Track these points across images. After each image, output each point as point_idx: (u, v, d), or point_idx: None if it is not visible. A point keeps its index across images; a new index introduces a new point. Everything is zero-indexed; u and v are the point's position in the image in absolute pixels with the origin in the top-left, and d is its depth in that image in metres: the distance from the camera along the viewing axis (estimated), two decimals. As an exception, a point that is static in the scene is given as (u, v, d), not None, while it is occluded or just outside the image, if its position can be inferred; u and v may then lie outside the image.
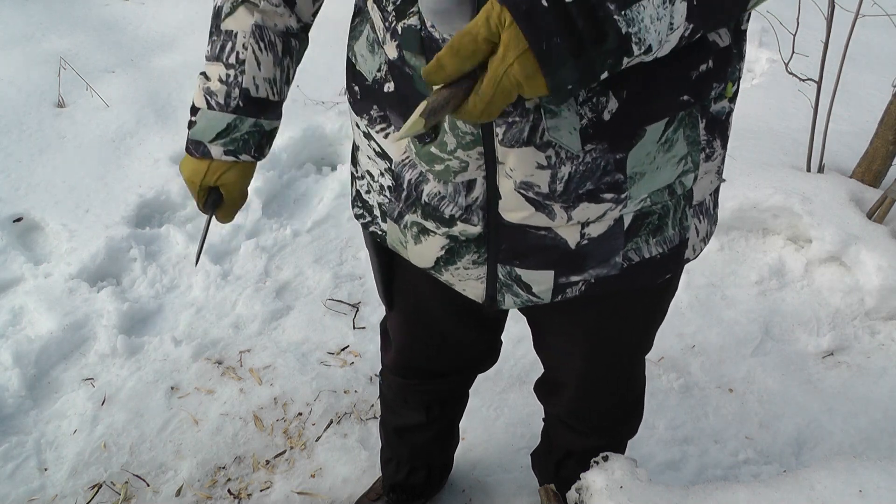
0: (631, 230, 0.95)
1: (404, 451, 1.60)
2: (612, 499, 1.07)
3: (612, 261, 0.98)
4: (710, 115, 0.92)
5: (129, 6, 4.09)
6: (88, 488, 1.78)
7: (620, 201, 0.91)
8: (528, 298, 1.03)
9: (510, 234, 0.96)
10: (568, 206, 0.91)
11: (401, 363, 1.41)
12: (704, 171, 0.96)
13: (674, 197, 0.95)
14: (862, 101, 3.28)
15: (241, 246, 2.49)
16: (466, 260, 1.01)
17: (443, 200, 0.97)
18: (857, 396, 2.03)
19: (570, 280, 1.00)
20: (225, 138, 1.06)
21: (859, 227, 2.37)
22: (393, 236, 1.08)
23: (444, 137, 0.89)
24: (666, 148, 0.89)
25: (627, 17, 0.67)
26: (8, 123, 2.94)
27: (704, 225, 1.04)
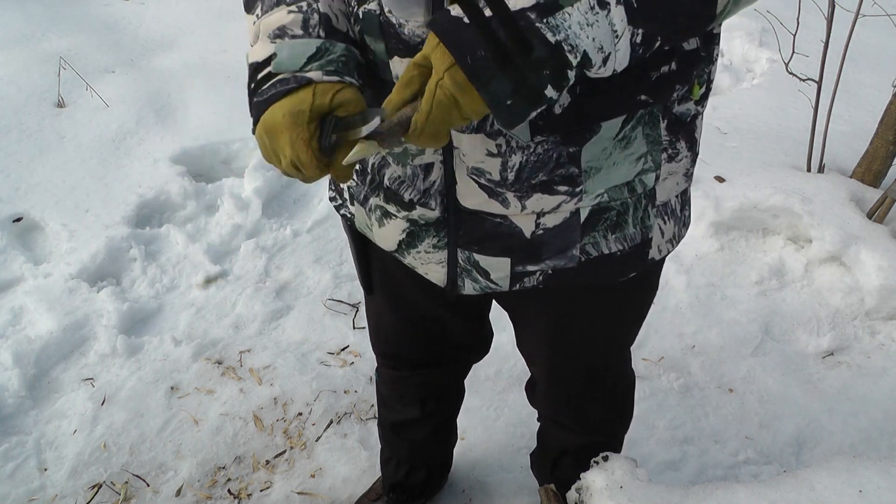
0: (588, 224, 0.96)
1: (403, 448, 1.60)
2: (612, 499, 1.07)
3: (568, 253, 0.98)
4: (673, 116, 0.92)
5: (129, 6, 4.09)
6: (88, 488, 1.78)
7: (575, 194, 0.93)
8: (487, 285, 1.04)
9: (468, 219, 0.98)
10: (521, 195, 0.92)
11: (388, 352, 1.42)
12: (668, 171, 0.97)
13: (634, 195, 0.96)
14: (862, 101, 3.28)
15: (241, 246, 2.49)
16: (427, 244, 1.02)
17: (402, 184, 0.99)
18: (857, 396, 2.03)
19: (527, 269, 1.01)
20: (320, 60, 0.82)
21: (859, 227, 2.37)
22: (360, 219, 1.11)
23: None
24: (623, 145, 0.90)
25: (551, 24, 0.68)
26: (8, 123, 2.94)
27: (671, 226, 1.04)
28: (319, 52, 0.82)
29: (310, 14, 0.84)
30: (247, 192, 2.68)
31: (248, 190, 2.68)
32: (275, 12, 0.85)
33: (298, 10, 0.84)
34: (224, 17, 4.02)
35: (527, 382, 1.43)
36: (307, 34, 0.83)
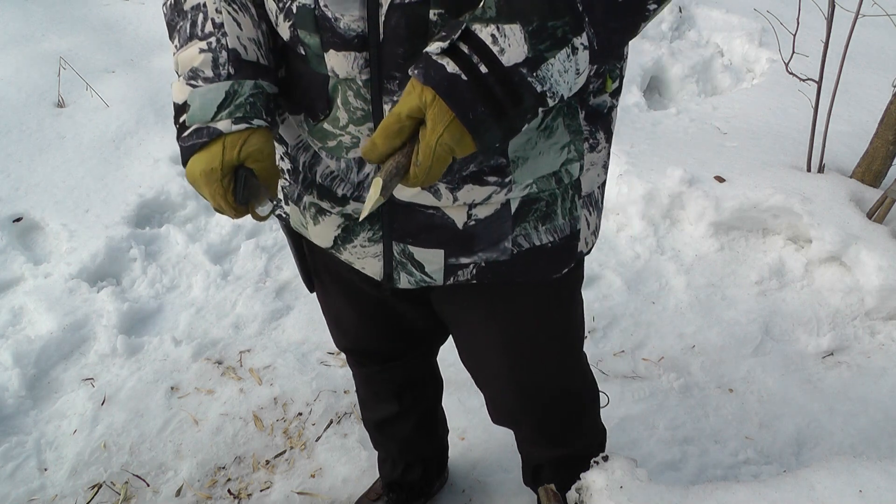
0: (519, 215, 0.99)
1: (392, 446, 1.60)
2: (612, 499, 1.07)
3: (501, 245, 1.01)
4: (590, 108, 0.96)
5: (129, 6, 4.09)
6: (88, 488, 1.78)
7: (505, 185, 0.95)
8: (422, 278, 1.06)
9: (402, 212, 0.99)
10: (453, 187, 0.95)
11: (353, 347, 1.41)
12: (590, 162, 1.01)
13: (561, 185, 0.99)
14: (862, 101, 3.28)
15: (241, 246, 2.49)
16: (362, 238, 1.04)
17: (335, 180, 1.00)
18: (857, 396, 2.03)
19: (461, 261, 1.03)
20: (229, 107, 0.88)
21: (859, 227, 2.37)
22: (295, 218, 1.11)
23: (337, 113, 0.92)
24: (546, 135, 0.93)
25: (539, 76, 0.75)
26: (8, 123, 2.94)
27: (594, 217, 1.08)
28: (228, 98, 0.88)
29: (218, 52, 0.89)
30: (247, 192, 2.68)
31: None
32: (188, 47, 0.90)
33: (208, 47, 0.89)
34: (224, 17, 4.01)
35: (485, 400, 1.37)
36: (217, 76, 0.88)
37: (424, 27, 0.82)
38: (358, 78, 0.87)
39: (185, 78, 0.90)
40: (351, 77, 0.87)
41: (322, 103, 0.93)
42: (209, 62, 0.89)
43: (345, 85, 0.89)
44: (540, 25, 0.73)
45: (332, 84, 0.90)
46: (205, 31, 0.90)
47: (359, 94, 0.88)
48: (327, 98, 0.92)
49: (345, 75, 0.88)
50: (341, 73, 0.88)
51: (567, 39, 0.74)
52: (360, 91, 0.88)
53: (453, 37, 0.73)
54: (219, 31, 0.90)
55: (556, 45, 0.74)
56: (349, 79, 0.88)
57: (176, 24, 0.93)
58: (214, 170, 0.88)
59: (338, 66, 0.87)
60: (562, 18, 0.73)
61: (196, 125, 0.88)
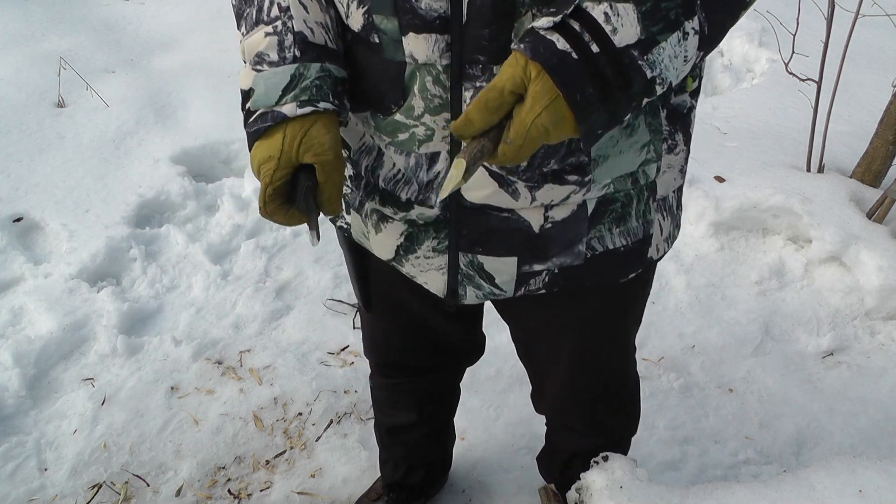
0: (595, 216, 0.95)
1: (399, 451, 1.60)
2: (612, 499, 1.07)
3: (575, 248, 0.97)
4: (671, 107, 0.93)
5: (129, 6, 4.09)
6: (88, 488, 1.78)
7: (584, 184, 0.91)
8: (491, 290, 1.01)
9: (472, 217, 0.95)
10: (532, 185, 0.90)
11: (384, 362, 1.40)
12: (668, 164, 0.97)
13: (636, 186, 0.95)
14: (862, 101, 3.28)
15: (241, 246, 2.49)
16: (426, 247, 0.99)
17: (398, 183, 0.96)
18: (857, 396, 2.03)
19: (534, 269, 0.98)
20: (294, 90, 0.84)
21: (859, 227, 2.37)
22: (356, 227, 1.08)
23: (412, 101, 0.88)
24: (628, 133, 0.90)
25: (650, 60, 0.71)
26: (8, 123, 2.94)
27: (668, 224, 1.03)
28: (293, 81, 0.84)
29: (284, 35, 0.86)
30: (247, 192, 2.68)
31: (248, 190, 2.68)
32: (254, 33, 0.88)
33: (274, 31, 0.86)
34: (224, 18, 4.02)
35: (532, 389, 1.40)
36: (282, 59, 0.85)
37: (511, 7, 0.78)
38: (438, 63, 0.83)
39: (251, 63, 0.87)
40: (430, 62, 0.84)
41: (396, 94, 0.88)
42: (274, 45, 0.86)
43: (423, 71, 0.85)
44: (654, 6, 0.69)
45: (409, 71, 0.86)
46: (270, 15, 0.87)
47: (437, 80, 0.85)
48: (402, 87, 0.87)
49: (424, 60, 0.84)
50: (420, 58, 0.84)
51: (679, 22, 0.71)
52: (440, 77, 0.84)
53: (565, 12, 0.70)
54: (284, 14, 0.87)
55: (669, 27, 0.70)
56: (428, 64, 0.84)
57: (243, 11, 0.91)
58: (272, 157, 0.84)
59: (417, 50, 0.84)
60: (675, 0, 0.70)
61: (261, 110, 0.85)
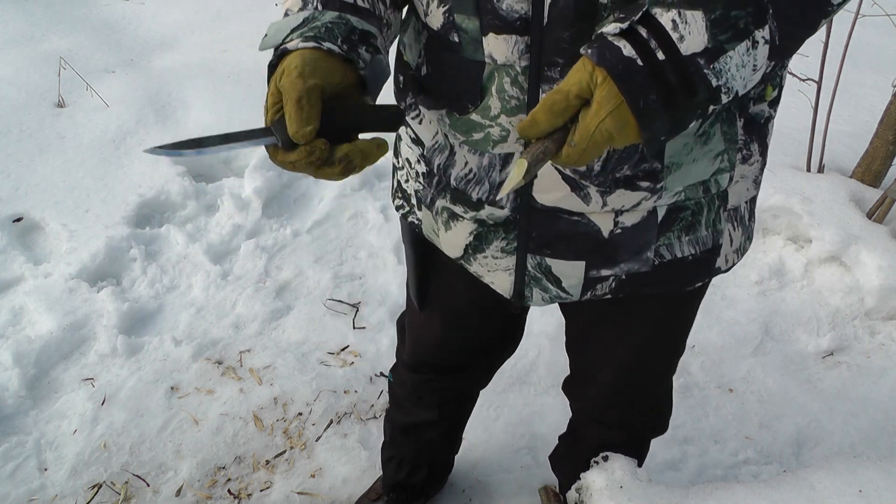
0: (664, 224, 0.95)
1: (409, 449, 1.59)
2: (612, 499, 1.07)
3: (643, 255, 0.97)
4: (749, 116, 0.92)
5: (129, 6, 4.09)
6: (88, 488, 1.78)
7: (656, 191, 0.91)
8: (557, 294, 1.02)
9: (542, 219, 0.95)
10: (604, 190, 0.90)
11: (420, 360, 1.39)
12: (741, 174, 0.96)
13: (707, 195, 0.95)
14: (862, 101, 3.28)
15: (241, 246, 2.49)
16: (495, 247, 1.00)
17: (470, 182, 0.96)
18: (857, 396, 2.03)
19: (601, 274, 0.98)
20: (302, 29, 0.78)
21: (859, 227, 2.37)
22: (427, 224, 1.08)
23: (489, 102, 0.88)
24: (703, 141, 0.89)
25: (716, 69, 0.70)
26: (8, 123, 2.94)
27: (739, 234, 1.03)
28: (304, 23, 0.79)
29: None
30: (247, 192, 2.68)
31: (248, 190, 2.68)
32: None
33: None
34: (224, 18, 4.02)
35: (566, 380, 1.39)
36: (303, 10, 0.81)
37: (593, 9, 0.78)
38: (517, 64, 0.84)
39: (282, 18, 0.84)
40: (510, 63, 0.84)
41: (473, 94, 0.89)
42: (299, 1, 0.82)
43: (502, 71, 0.85)
44: (723, 14, 0.69)
45: (487, 72, 0.86)
46: None
47: (515, 81, 0.85)
48: (480, 87, 0.88)
49: (503, 61, 0.84)
50: (500, 59, 0.84)
51: (749, 31, 0.70)
52: (518, 78, 0.85)
53: (633, 18, 0.70)
54: None
55: (737, 36, 0.69)
56: (507, 65, 0.84)
57: None
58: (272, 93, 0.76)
59: (497, 50, 0.84)
60: (745, 8, 0.69)
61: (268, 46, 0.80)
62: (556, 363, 2.08)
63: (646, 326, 1.14)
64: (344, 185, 2.74)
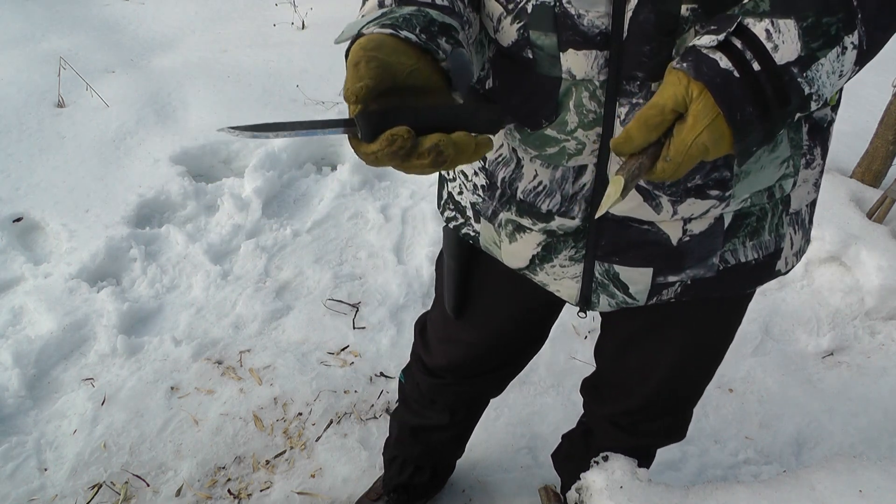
0: (730, 230, 0.95)
1: (415, 450, 1.58)
2: (612, 499, 1.07)
3: (709, 261, 0.97)
4: (813, 121, 0.92)
5: (129, 6, 4.09)
6: (88, 488, 1.78)
7: (724, 199, 0.91)
8: (624, 299, 1.01)
9: (611, 228, 0.95)
10: (675, 199, 0.90)
11: (443, 366, 1.37)
12: (803, 178, 0.96)
13: (772, 200, 0.95)
14: (862, 101, 3.28)
15: (241, 246, 2.49)
16: (563, 256, 1.00)
17: (539, 195, 0.96)
18: (857, 396, 2.03)
19: (668, 280, 0.98)
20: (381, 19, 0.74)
21: (859, 227, 2.37)
22: (487, 236, 1.07)
23: (566, 117, 0.87)
24: (770, 148, 0.89)
25: (808, 77, 0.70)
26: (8, 123, 2.94)
27: (799, 237, 1.02)
28: (383, 15, 0.75)
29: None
30: (247, 192, 2.68)
31: (248, 190, 2.68)
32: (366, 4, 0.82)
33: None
34: (224, 18, 4.02)
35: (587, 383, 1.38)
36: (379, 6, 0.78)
37: (674, 23, 0.77)
38: (596, 78, 0.83)
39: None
40: (588, 78, 0.83)
41: (548, 109, 0.88)
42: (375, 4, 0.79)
43: (580, 87, 0.84)
44: (815, 22, 0.68)
45: (564, 87, 0.85)
46: None
47: (594, 95, 0.84)
48: (556, 103, 0.87)
49: (582, 76, 0.84)
50: (578, 74, 0.84)
51: (839, 38, 0.69)
52: (596, 92, 0.84)
53: (729, 30, 0.69)
54: None
55: (829, 43, 0.69)
56: (586, 80, 0.84)
57: None
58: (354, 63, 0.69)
59: (576, 66, 0.83)
60: (836, 15, 0.68)
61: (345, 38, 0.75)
62: (556, 363, 2.08)
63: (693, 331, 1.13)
64: (344, 185, 2.74)
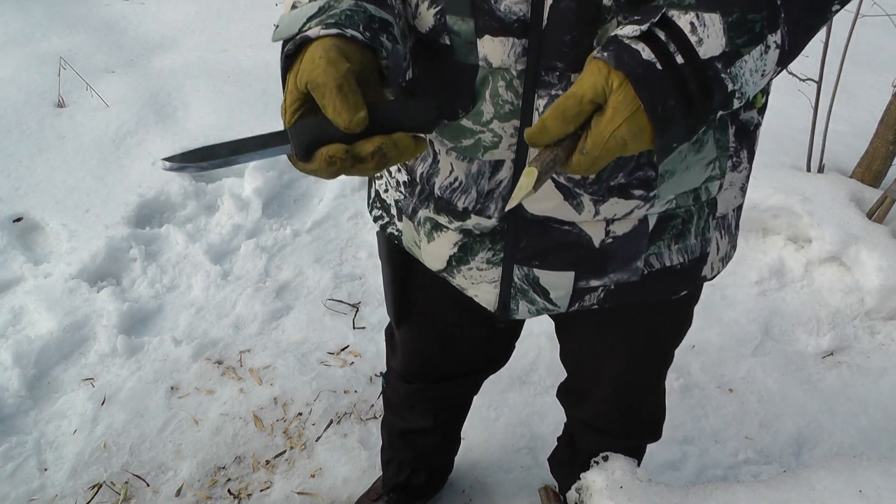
0: (655, 232, 0.93)
1: (408, 453, 1.59)
2: (612, 499, 1.07)
3: (633, 265, 0.95)
4: (739, 122, 0.91)
5: (129, 6, 4.09)
6: (88, 488, 1.78)
7: (649, 199, 0.89)
8: (544, 306, 0.99)
9: (531, 229, 0.92)
10: (597, 199, 0.88)
11: (409, 372, 1.38)
12: (729, 181, 0.95)
13: (697, 202, 0.93)
14: (862, 101, 3.28)
15: (241, 246, 2.49)
16: (480, 258, 0.97)
17: (456, 191, 0.93)
18: (857, 396, 2.03)
19: (591, 284, 0.96)
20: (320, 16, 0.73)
21: (859, 227, 2.37)
22: (408, 235, 1.05)
23: (482, 107, 0.84)
24: (696, 148, 0.88)
25: (732, 73, 0.68)
26: (8, 123, 2.94)
27: (725, 242, 1.02)
28: (321, 11, 0.73)
29: None
30: (247, 192, 2.68)
31: (248, 190, 2.68)
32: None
33: None
34: (224, 18, 4.02)
35: (561, 388, 1.39)
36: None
37: (596, 13, 0.75)
38: (513, 67, 0.80)
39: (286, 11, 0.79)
40: (505, 66, 0.80)
41: (464, 98, 0.85)
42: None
43: (496, 75, 0.81)
44: (740, 17, 0.67)
45: (481, 75, 0.82)
46: None
47: (511, 85, 0.81)
48: (472, 92, 0.84)
49: (499, 64, 0.81)
50: (495, 62, 0.81)
51: (763, 35, 0.68)
52: (513, 82, 0.81)
53: (652, 20, 0.68)
54: None
55: (753, 40, 0.68)
56: (503, 68, 0.81)
57: None
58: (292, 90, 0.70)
59: (492, 53, 0.80)
60: (761, 12, 0.68)
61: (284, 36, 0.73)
62: (555, 363, 2.08)
63: (636, 339, 1.13)
64: (344, 185, 2.74)
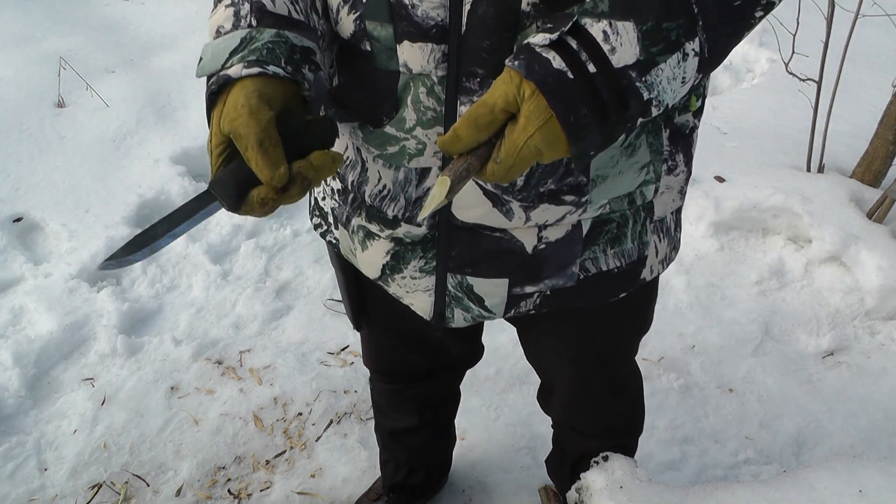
0: (589, 237, 0.93)
1: (402, 453, 1.60)
2: (612, 499, 1.07)
3: (568, 270, 0.95)
4: (674, 126, 0.91)
5: (129, 6, 4.09)
6: (88, 488, 1.78)
7: (581, 205, 0.89)
8: (480, 313, 0.99)
9: (462, 237, 0.91)
10: (527, 205, 0.88)
11: (382, 370, 1.40)
12: (666, 185, 0.95)
13: (633, 206, 0.93)
14: (862, 101, 3.28)
15: (241, 246, 2.49)
16: (413, 267, 0.96)
17: (385, 199, 0.92)
18: (857, 396, 2.03)
19: (525, 291, 0.96)
20: (242, 52, 0.74)
21: (859, 227, 2.37)
22: (344, 243, 1.05)
23: (404, 114, 0.84)
24: (629, 153, 0.88)
25: (647, 82, 0.68)
26: (8, 123, 2.94)
27: (664, 245, 1.01)
28: (242, 44, 0.74)
29: (240, 5, 0.77)
30: (247, 192, 2.68)
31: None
32: (217, 10, 0.80)
33: (232, 2, 0.78)
34: (224, 17, 4.01)
35: (539, 390, 1.40)
36: (235, 27, 0.76)
37: (514, 18, 0.74)
38: (433, 73, 0.80)
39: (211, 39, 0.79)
40: (425, 73, 0.80)
41: (387, 105, 0.84)
42: (231, 16, 0.77)
43: (417, 81, 0.81)
44: (654, 26, 0.67)
45: (402, 82, 0.82)
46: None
47: (432, 91, 0.81)
48: (394, 99, 0.84)
49: (419, 70, 0.80)
50: (415, 68, 0.80)
51: (680, 43, 0.68)
52: (434, 89, 0.81)
53: (563, 29, 0.66)
54: None
55: (669, 49, 0.67)
56: (423, 74, 0.80)
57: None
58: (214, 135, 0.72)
59: (412, 59, 0.80)
60: (677, 20, 0.67)
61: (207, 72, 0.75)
62: (556, 363, 2.08)
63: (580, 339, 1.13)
64: (344, 185, 2.74)
